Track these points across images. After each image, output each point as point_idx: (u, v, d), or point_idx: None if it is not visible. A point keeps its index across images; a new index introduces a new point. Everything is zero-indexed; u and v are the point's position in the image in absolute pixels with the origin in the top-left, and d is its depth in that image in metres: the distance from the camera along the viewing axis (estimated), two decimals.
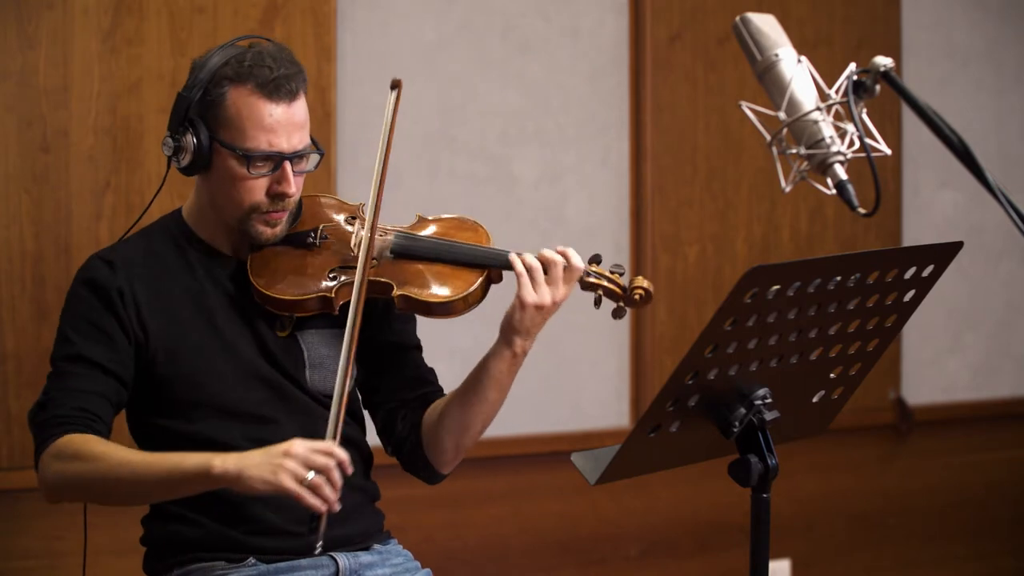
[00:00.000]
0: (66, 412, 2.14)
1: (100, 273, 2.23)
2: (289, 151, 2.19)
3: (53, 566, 3.15)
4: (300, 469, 1.97)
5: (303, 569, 2.23)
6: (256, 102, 2.16)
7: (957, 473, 4.29)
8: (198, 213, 2.30)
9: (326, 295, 2.22)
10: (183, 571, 2.23)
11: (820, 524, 4.09)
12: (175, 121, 2.21)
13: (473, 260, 2.26)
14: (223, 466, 1.99)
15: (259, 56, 2.19)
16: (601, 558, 3.81)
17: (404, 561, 2.35)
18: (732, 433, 1.86)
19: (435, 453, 2.32)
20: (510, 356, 2.23)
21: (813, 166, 1.75)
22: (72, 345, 2.19)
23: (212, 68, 2.18)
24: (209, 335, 2.23)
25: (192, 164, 2.20)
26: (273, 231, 2.23)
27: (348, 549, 2.28)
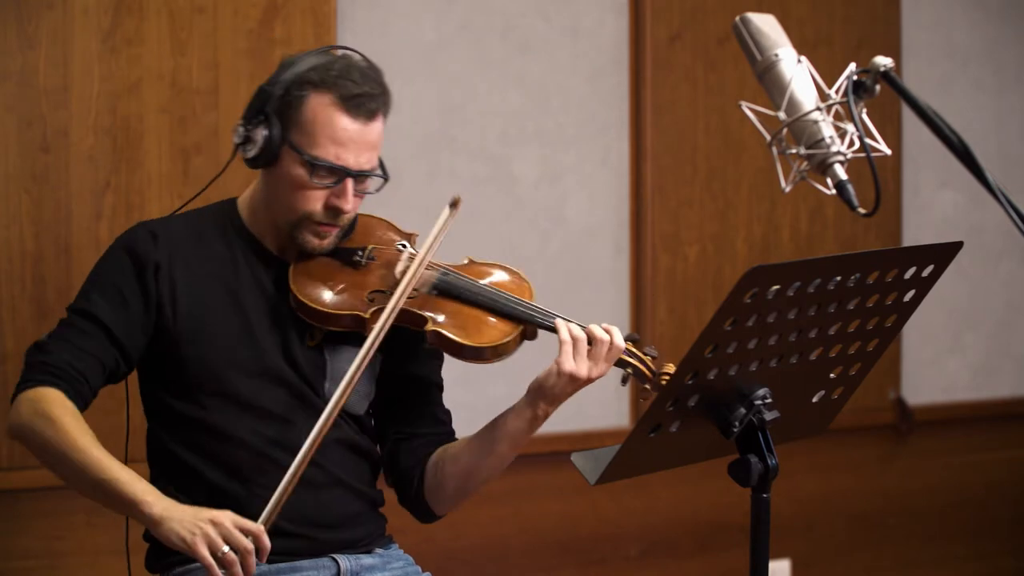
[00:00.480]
0: (59, 364, 2.14)
1: (142, 242, 2.23)
2: (354, 168, 2.18)
3: (53, 566, 3.15)
4: (218, 540, 1.98)
5: (304, 570, 2.23)
6: (333, 113, 2.16)
7: (957, 473, 4.29)
8: (253, 207, 2.30)
9: (360, 315, 2.20)
10: (184, 569, 2.22)
11: (820, 524, 4.09)
12: (251, 112, 2.21)
13: (513, 313, 2.24)
14: (151, 508, 2.02)
15: (347, 69, 2.18)
16: (601, 558, 3.81)
17: (404, 565, 2.35)
18: (732, 433, 1.86)
19: (436, 495, 2.32)
20: (531, 418, 2.22)
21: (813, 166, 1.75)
22: (90, 302, 2.20)
23: (299, 70, 2.18)
24: (237, 327, 2.23)
25: (257, 157, 2.20)
26: (321, 243, 2.23)
27: (350, 552, 2.28)
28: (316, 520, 2.25)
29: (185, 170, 3.20)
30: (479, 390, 3.37)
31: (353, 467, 2.31)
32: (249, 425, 2.21)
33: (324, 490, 2.26)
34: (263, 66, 3.27)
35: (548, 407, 2.21)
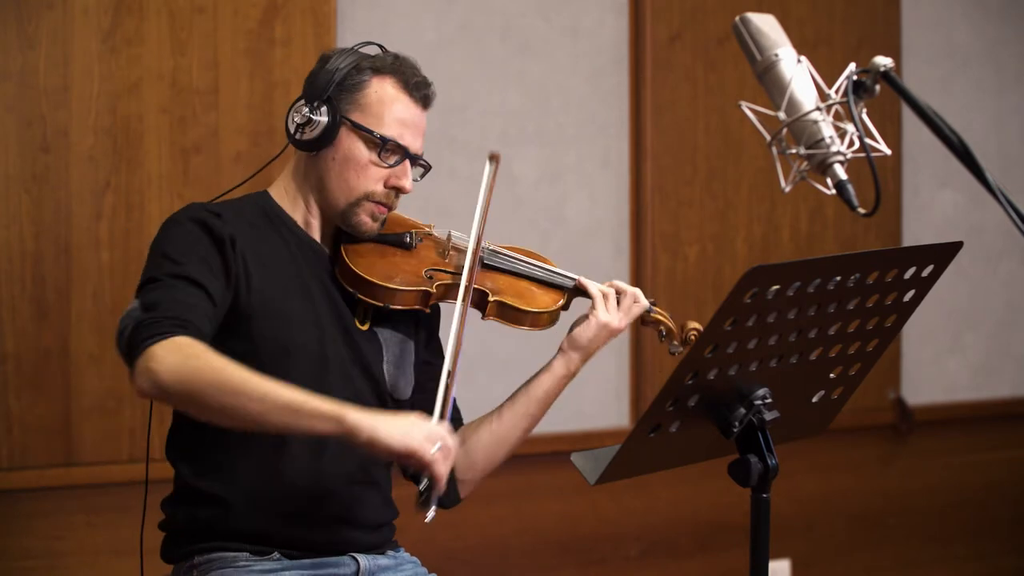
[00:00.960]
0: (182, 316, 2.02)
1: (209, 217, 2.18)
2: (414, 151, 2.26)
3: (53, 566, 3.14)
4: (429, 440, 1.96)
5: (325, 567, 2.23)
6: (399, 95, 2.24)
7: (957, 473, 4.29)
8: (293, 194, 2.30)
9: (428, 290, 2.27)
10: (204, 558, 2.19)
11: (820, 524, 4.09)
12: (312, 94, 2.23)
13: (552, 281, 2.41)
14: (357, 419, 1.92)
15: (402, 59, 2.27)
16: (601, 558, 3.81)
17: (414, 567, 2.37)
18: (732, 433, 1.86)
19: (467, 473, 2.36)
20: (565, 375, 2.36)
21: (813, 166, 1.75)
22: (180, 265, 2.10)
23: (354, 59, 2.24)
24: (304, 307, 2.23)
25: (315, 140, 2.22)
26: (374, 225, 2.27)
27: (368, 552, 2.29)
28: (348, 518, 2.25)
29: (185, 170, 3.21)
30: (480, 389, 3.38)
31: (384, 471, 2.34)
32: None
33: (362, 490, 2.27)
34: (263, 66, 3.27)
35: (582, 362, 2.37)
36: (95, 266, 3.13)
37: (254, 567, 2.18)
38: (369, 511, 2.29)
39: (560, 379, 2.36)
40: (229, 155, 3.22)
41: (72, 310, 3.13)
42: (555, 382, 2.36)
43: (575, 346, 2.35)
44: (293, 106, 2.25)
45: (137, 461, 2.34)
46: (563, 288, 2.41)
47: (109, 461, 3.10)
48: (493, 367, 3.53)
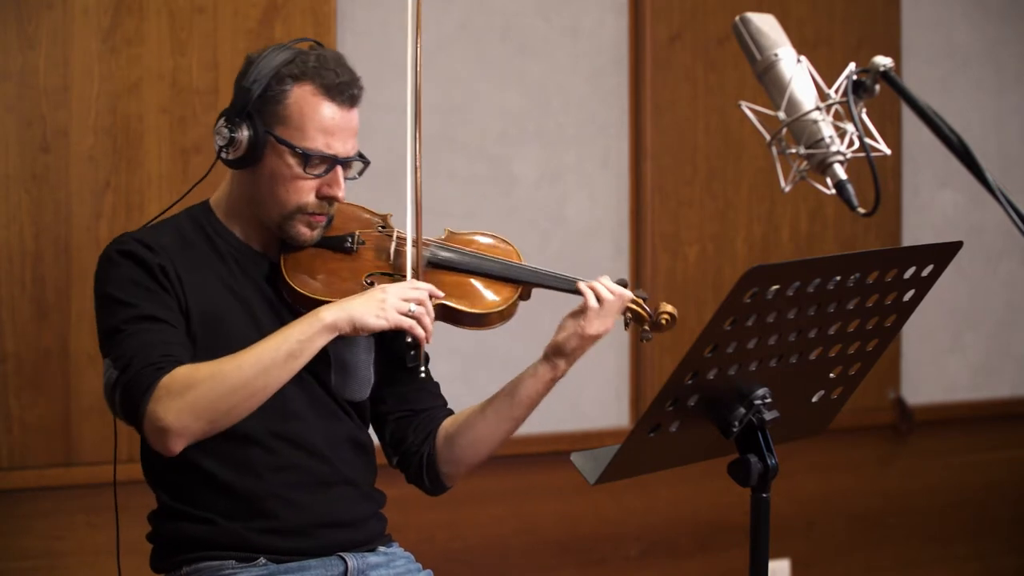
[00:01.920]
0: (155, 360, 2.06)
1: (137, 248, 2.18)
2: (344, 155, 2.20)
3: (53, 566, 3.15)
4: (401, 303, 2.09)
5: (313, 568, 2.23)
6: (319, 103, 2.17)
7: (957, 473, 4.29)
8: (231, 207, 2.27)
9: None
10: (192, 569, 2.22)
11: (820, 524, 4.09)
12: (233, 112, 2.19)
13: (508, 275, 2.31)
14: (333, 314, 2.08)
15: (323, 59, 2.20)
16: (601, 558, 3.81)
17: (407, 563, 2.36)
18: (732, 433, 1.86)
19: (450, 466, 2.35)
20: (551, 379, 2.30)
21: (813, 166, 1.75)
22: (132, 307, 2.13)
23: (276, 64, 2.18)
24: (245, 322, 2.22)
25: (243, 158, 2.18)
26: (312, 233, 2.23)
27: (356, 550, 2.29)
28: (326, 520, 2.25)
29: (185, 170, 3.20)
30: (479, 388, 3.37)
31: (361, 466, 2.32)
32: (264, 424, 2.20)
33: (334, 488, 2.26)
34: None
35: (568, 367, 2.30)
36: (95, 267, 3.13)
37: (240, 574, 2.20)
38: (348, 509, 2.28)
39: (546, 384, 2.29)
40: None
41: (72, 310, 3.13)
42: (540, 387, 2.29)
43: (560, 354, 2.27)
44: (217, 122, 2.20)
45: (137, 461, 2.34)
46: (517, 281, 2.31)
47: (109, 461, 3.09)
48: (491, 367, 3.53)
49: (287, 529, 2.21)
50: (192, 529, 2.22)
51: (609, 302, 2.26)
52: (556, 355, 2.28)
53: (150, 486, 2.29)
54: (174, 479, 2.24)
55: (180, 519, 2.23)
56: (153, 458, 2.25)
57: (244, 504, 2.20)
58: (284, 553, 2.21)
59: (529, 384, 2.29)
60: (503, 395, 2.31)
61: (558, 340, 2.27)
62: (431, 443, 2.35)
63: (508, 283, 2.31)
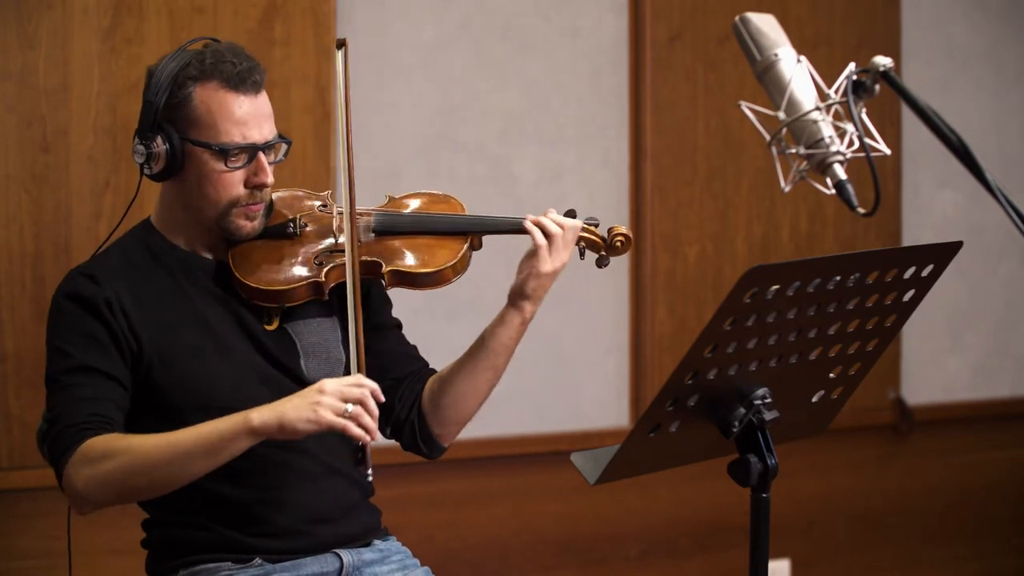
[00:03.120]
0: (80, 420, 2.10)
1: (83, 286, 2.20)
2: (262, 141, 2.20)
3: (53, 566, 3.14)
4: (337, 403, 2.01)
5: (308, 566, 2.24)
6: (225, 96, 2.17)
7: (957, 473, 4.29)
8: (169, 219, 2.28)
9: (316, 280, 2.23)
10: (188, 572, 2.22)
11: (820, 524, 4.09)
12: (144, 128, 2.19)
13: (454, 229, 2.31)
14: (261, 418, 2.01)
15: (218, 53, 2.20)
16: (601, 558, 3.81)
17: (403, 558, 2.36)
18: (732, 433, 1.86)
19: (440, 424, 2.35)
20: (520, 323, 2.30)
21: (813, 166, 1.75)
22: (70, 358, 2.16)
23: (172, 71, 2.18)
24: (202, 337, 2.22)
25: (165, 169, 2.19)
26: (252, 224, 2.24)
27: (351, 546, 2.29)
28: (316, 514, 2.25)
29: None
30: None
31: (343, 452, 2.31)
32: None
33: (320, 480, 2.26)
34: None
35: (533, 307, 2.29)
36: None
37: (237, 574, 2.20)
38: (337, 500, 2.28)
39: (517, 327, 2.29)
40: None
41: None
42: (512, 332, 2.29)
43: (523, 296, 2.28)
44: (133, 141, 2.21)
45: None
46: (464, 233, 2.30)
47: None
48: None
49: (279, 530, 2.21)
50: (186, 534, 2.22)
51: (557, 236, 2.26)
52: (519, 298, 2.28)
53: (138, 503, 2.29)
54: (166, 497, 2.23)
55: (173, 526, 2.24)
56: None
57: (233, 511, 2.21)
58: (279, 553, 2.21)
59: (500, 332, 2.29)
60: (477, 346, 2.32)
61: (517, 283, 2.28)
62: (417, 408, 2.36)
63: (455, 236, 2.31)
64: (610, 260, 2.36)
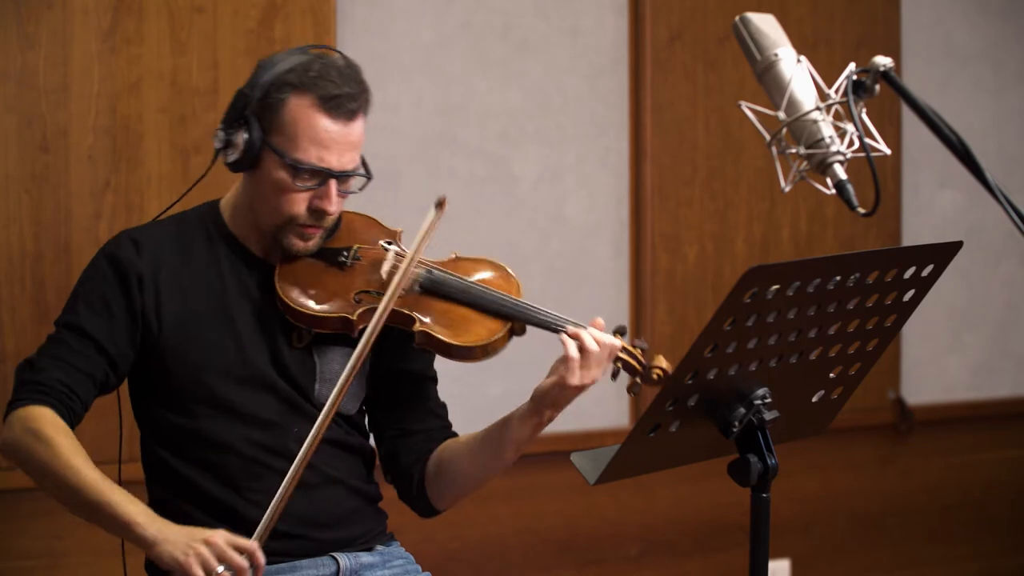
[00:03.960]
0: (49, 382, 2.14)
1: (125, 252, 2.22)
2: (337, 169, 2.17)
3: (53, 566, 3.15)
4: (212, 560, 1.98)
5: (303, 569, 2.23)
6: (314, 115, 2.15)
7: (957, 473, 4.29)
8: (236, 209, 2.29)
9: (348, 317, 2.19)
10: None
11: (820, 524, 4.09)
12: (231, 116, 2.20)
13: (501, 311, 2.23)
14: (144, 530, 2.02)
15: (326, 69, 2.17)
16: (601, 558, 3.81)
17: (405, 563, 2.35)
18: (732, 433, 1.86)
19: (437, 494, 2.32)
20: (536, 425, 2.21)
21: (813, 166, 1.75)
22: (76, 315, 2.19)
23: (277, 72, 2.16)
24: (223, 333, 2.22)
25: (238, 161, 2.19)
26: (306, 245, 2.22)
27: (349, 550, 2.28)
28: (313, 520, 2.24)
29: (185, 170, 3.20)
30: (477, 389, 3.37)
31: (345, 464, 2.30)
32: (240, 432, 2.20)
33: (318, 489, 2.25)
34: None
35: (553, 413, 2.21)
36: None
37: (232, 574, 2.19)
38: (333, 508, 2.27)
39: (532, 428, 2.20)
40: None
41: None
42: (526, 431, 2.20)
43: (547, 404, 2.17)
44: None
45: (136, 461, 2.34)
46: (511, 318, 2.22)
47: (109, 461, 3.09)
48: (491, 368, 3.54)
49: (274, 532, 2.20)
50: None
51: (593, 354, 2.15)
52: (541, 403, 2.18)
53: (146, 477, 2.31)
54: (165, 481, 2.26)
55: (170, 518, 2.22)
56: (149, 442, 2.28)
57: (228, 512, 2.20)
58: (274, 554, 2.20)
59: (515, 427, 2.21)
60: (491, 434, 2.26)
61: (542, 387, 2.18)
62: (421, 467, 2.32)
63: (497, 317, 2.22)
64: (641, 388, 2.23)
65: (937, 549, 4.27)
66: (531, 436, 2.22)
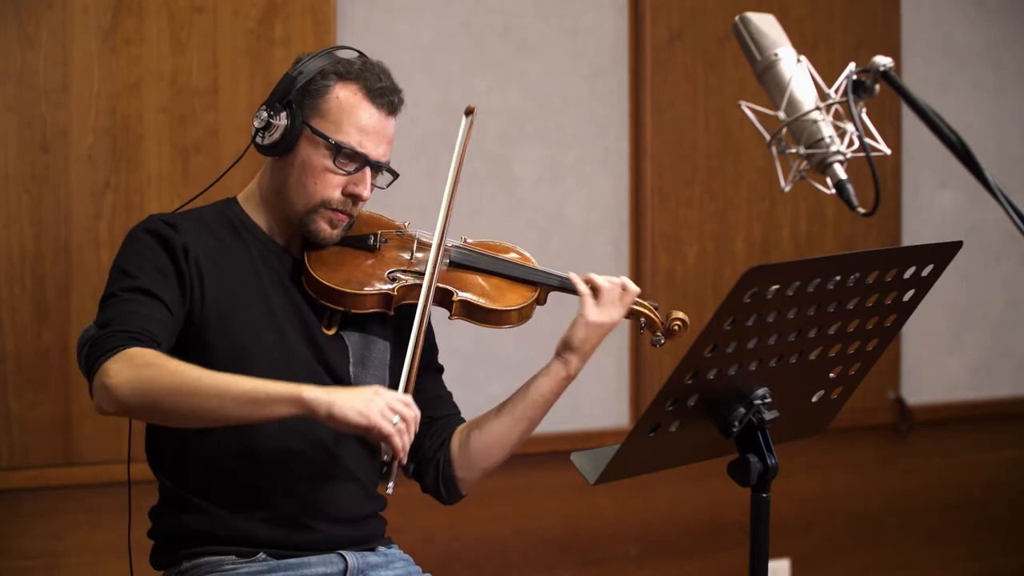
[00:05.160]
0: (134, 328, 2.07)
1: (164, 228, 2.22)
2: (375, 158, 2.24)
3: (53, 566, 3.15)
4: (388, 411, 2.01)
5: (313, 566, 2.24)
6: (360, 101, 2.23)
7: (957, 473, 4.29)
8: (258, 201, 2.31)
9: (388, 292, 2.26)
10: (192, 564, 2.22)
11: (819, 524, 4.09)
12: (274, 98, 2.24)
13: (527, 278, 2.36)
14: (314, 393, 1.98)
15: (369, 65, 2.26)
16: (601, 558, 3.81)
17: (406, 565, 2.37)
18: (732, 433, 1.86)
19: (465, 469, 2.36)
20: (564, 377, 2.32)
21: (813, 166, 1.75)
22: (134, 279, 2.14)
23: (321, 63, 2.24)
24: (262, 312, 2.24)
25: (276, 144, 2.23)
26: (333, 232, 2.26)
27: (356, 549, 2.29)
28: (325, 513, 2.26)
29: (185, 170, 3.21)
30: (479, 388, 3.37)
31: (366, 464, 2.32)
32: None
33: (337, 483, 2.27)
34: (263, 66, 3.27)
35: (580, 363, 2.32)
36: (95, 266, 3.13)
37: (240, 569, 2.20)
38: (349, 505, 2.29)
39: (560, 382, 2.32)
40: (229, 155, 3.22)
41: (72, 310, 3.13)
42: (554, 385, 2.32)
43: (569, 348, 2.31)
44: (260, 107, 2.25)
45: (137, 460, 2.34)
46: (536, 283, 2.37)
47: (109, 461, 3.10)
48: (491, 367, 3.53)
49: (286, 520, 2.21)
50: (191, 521, 2.22)
51: (604, 290, 2.29)
52: (566, 350, 2.31)
53: (152, 470, 2.29)
54: (176, 462, 2.24)
55: (180, 511, 2.23)
56: (158, 441, 2.27)
57: (243, 491, 2.20)
58: (283, 547, 2.21)
59: (543, 382, 2.32)
60: (518, 395, 2.34)
61: (566, 334, 2.31)
62: (446, 449, 2.37)
63: (526, 284, 2.36)
64: (664, 342, 2.40)
65: (937, 549, 4.27)
66: (559, 389, 2.33)
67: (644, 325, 2.38)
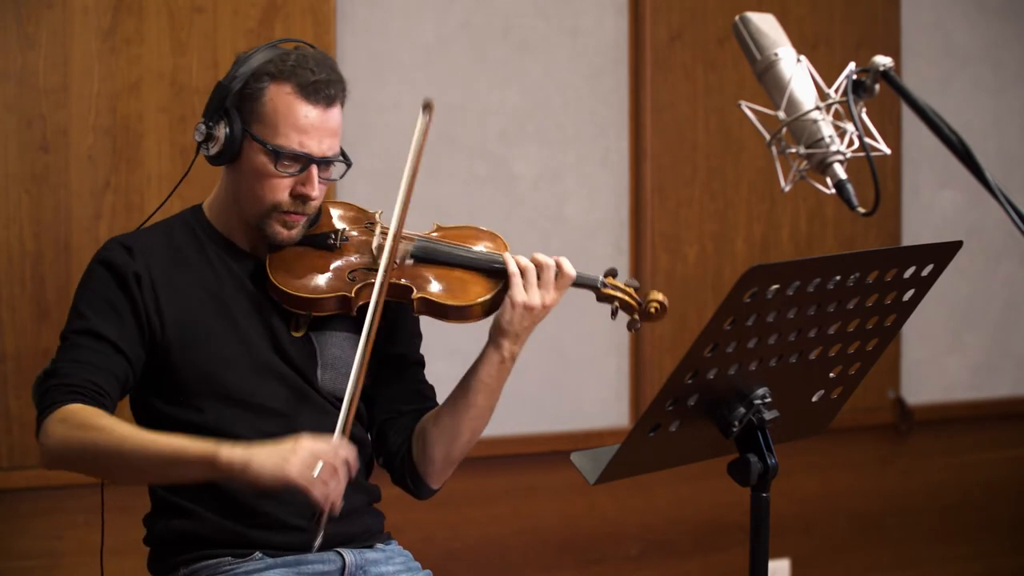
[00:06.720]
0: (76, 382, 2.12)
1: (118, 255, 2.23)
2: (318, 155, 2.21)
3: (53, 566, 3.15)
4: (307, 463, 1.98)
5: (310, 563, 2.24)
6: (294, 101, 2.18)
7: (957, 473, 4.29)
8: (219, 207, 2.31)
9: (346, 295, 2.23)
10: (189, 570, 2.22)
11: (819, 524, 4.09)
12: (211, 109, 2.22)
13: (491, 268, 2.29)
14: (230, 456, 1.98)
15: (303, 59, 2.21)
16: (601, 558, 3.81)
17: (406, 561, 2.36)
18: (732, 433, 1.86)
19: (425, 463, 2.34)
20: (498, 361, 2.27)
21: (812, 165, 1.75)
22: (85, 320, 2.19)
23: (255, 63, 2.20)
24: (224, 326, 2.24)
25: (220, 154, 2.21)
26: (289, 233, 2.24)
27: (353, 546, 2.29)
28: None
29: (184, 170, 3.20)
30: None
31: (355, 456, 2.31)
32: (248, 423, 2.21)
33: None
34: None
35: (512, 346, 2.26)
36: None
37: (237, 569, 2.20)
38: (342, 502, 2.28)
39: (496, 366, 2.26)
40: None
41: None
42: (491, 369, 2.27)
43: (501, 332, 2.25)
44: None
45: None
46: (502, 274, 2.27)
47: None
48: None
49: (280, 524, 2.21)
50: (186, 526, 2.22)
51: (529, 269, 2.24)
52: (496, 333, 2.26)
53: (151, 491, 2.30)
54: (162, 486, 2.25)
55: (176, 517, 2.23)
56: None
57: (233, 502, 2.21)
58: (279, 548, 2.21)
59: (480, 368, 2.28)
60: (460, 382, 2.31)
61: (495, 316, 2.26)
62: (408, 442, 2.36)
63: (492, 275, 2.28)
64: (641, 325, 2.31)
65: (937, 549, 4.27)
66: (497, 375, 2.27)
67: (617, 309, 2.30)
